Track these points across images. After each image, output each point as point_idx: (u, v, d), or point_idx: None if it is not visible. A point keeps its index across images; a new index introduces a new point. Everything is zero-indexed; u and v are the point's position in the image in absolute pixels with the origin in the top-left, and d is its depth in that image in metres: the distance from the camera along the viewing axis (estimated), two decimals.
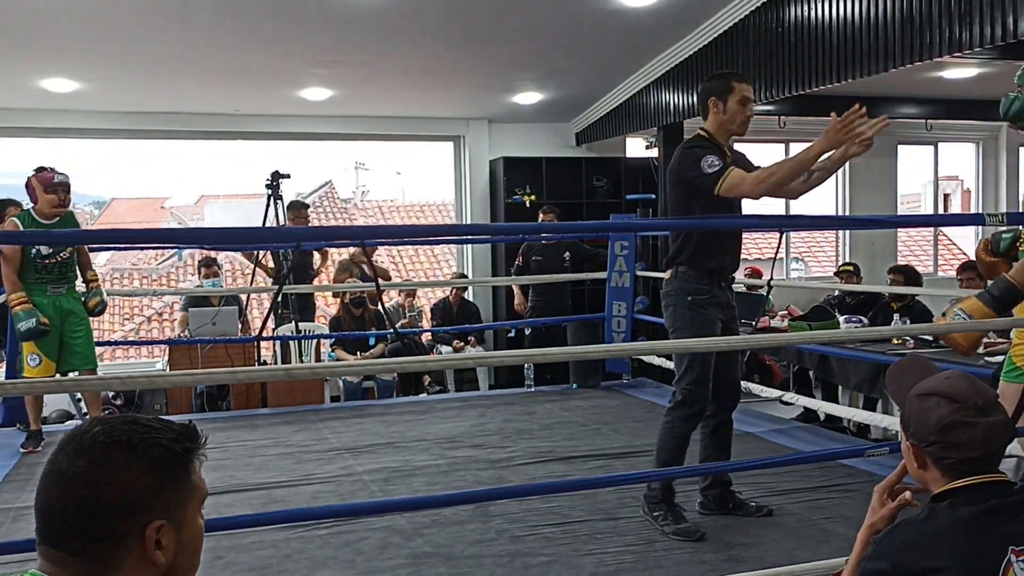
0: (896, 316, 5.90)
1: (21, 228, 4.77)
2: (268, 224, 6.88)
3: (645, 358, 6.95)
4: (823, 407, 5.49)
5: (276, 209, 6.86)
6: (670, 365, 6.67)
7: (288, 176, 6.89)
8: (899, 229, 10.78)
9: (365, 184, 21.38)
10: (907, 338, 5.21)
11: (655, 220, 7.07)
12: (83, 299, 5.09)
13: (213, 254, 7.60)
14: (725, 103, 3.49)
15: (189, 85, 7.10)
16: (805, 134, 9.79)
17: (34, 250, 4.78)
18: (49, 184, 4.75)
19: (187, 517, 1.21)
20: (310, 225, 7.84)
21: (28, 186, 4.84)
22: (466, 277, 8.52)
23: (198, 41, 6.13)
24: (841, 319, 6.14)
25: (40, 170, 4.82)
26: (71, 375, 4.96)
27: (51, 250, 4.83)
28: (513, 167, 8.50)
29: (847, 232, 10.28)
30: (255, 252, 7.12)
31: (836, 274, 7.74)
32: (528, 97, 8.00)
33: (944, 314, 3.27)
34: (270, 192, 6.89)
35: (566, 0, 5.89)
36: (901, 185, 10.51)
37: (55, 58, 6.28)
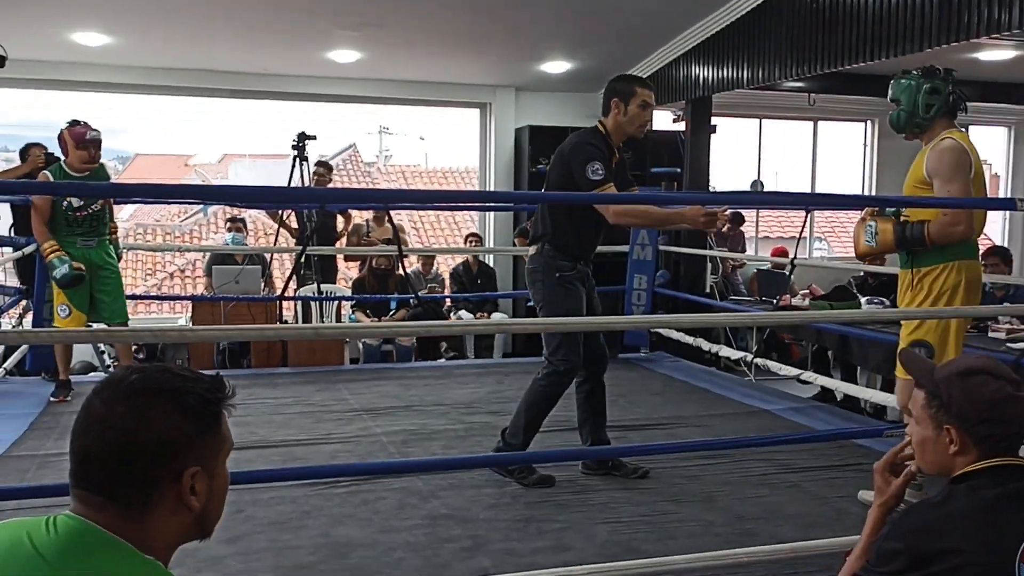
0: None
1: (51, 177, 4.81)
2: (293, 184, 6.93)
3: (663, 331, 6.95)
4: (841, 387, 5.48)
5: (302, 170, 6.89)
6: (689, 340, 6.71)
7: (314, 138, 6.91)
8: None
9: (388, 148, 21.38)
10: None
11: (683, 194, 7.04)
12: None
13: (239, 212, 7.65)
14: (627, 105, 3.62)
15: (219, 43, 7.11)
16: (834, 112, 9.71)
17: (65, 202, 4.83)
18: (81, 140, 4.79)
19: (217, 466, 1.25)
20: (332, 186, 7.85)
21: (60, 139, 4.87)
22: (479, 237, 8.52)
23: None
24: (863, 300, 6.12)
25: (73, 124, 4.84)
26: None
27: (82, 202, 4.87)
28: (539, 136, 8.46)
29: None
30: (279, 212, 7.16)
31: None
32: (556, 66, 7.95)
33: (863, 219, 3.43)
34: (296, 153, 6.91)
35: None
36: None
37: (87, 11, 6.30)
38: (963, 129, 3.36)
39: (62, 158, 4.90)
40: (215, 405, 1.24)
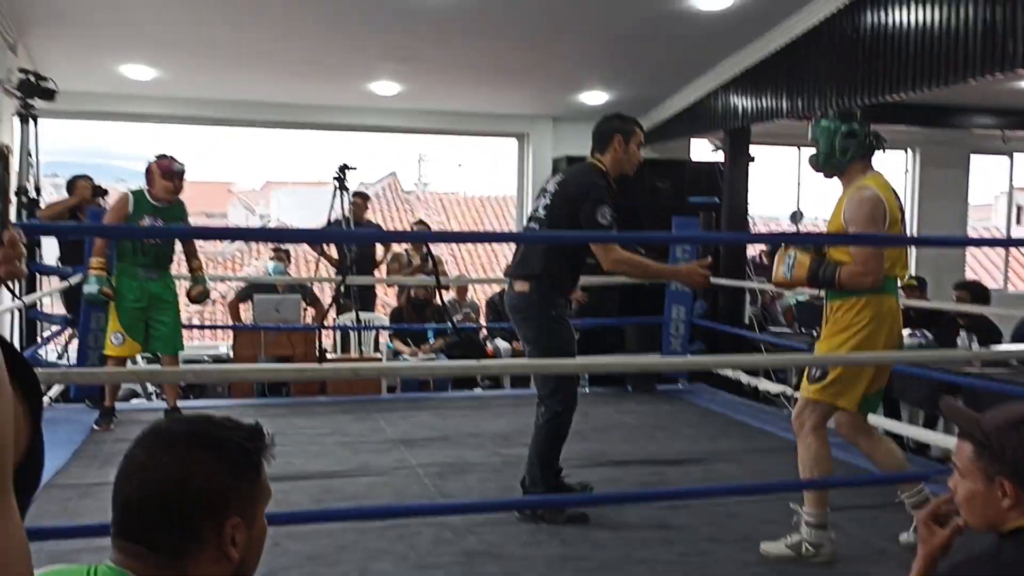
0: (963, 333, 5.76)
1: (131, 203, 4.98)
2: (334, 213, 7.04)
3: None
4: (882, 423, 5.38)
5: (342, 200, 6.99)
6: (728, 372, 6.65)
7: (355, 169, 7.02)
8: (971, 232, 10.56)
9: (427, 176, 21.58)
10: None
11: (770, 234, 6.99)
12: (188, 288, 5.31)
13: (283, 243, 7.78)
14: (628, 144, 3.69)
15: (264, 75, 7.25)
16: None
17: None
18: (167, 171, 4.99)
19: (257, 515, 1.25)
20: (368, 215, 7.93)
21: (148, 171, 5.07)
22: None
23: (276, 33, 6.26)
24: (904, 333, 6.01)
25: (161, 157, 5.07)
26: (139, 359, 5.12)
27: None
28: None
29: (915, 231, 10.05)
30: (320, 246, 7.26)
31: (900, 288, 7.59)
32: (594, 96, 7.99)
33: (786, 247, 3.52)
34: (337, 184, 7.01)
35: (636, 2, 5.87)
36: (971, 195, 10.28)
37: (136, 46, 6.47)
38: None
39: (145, 188, 5.08)
40: (256, 455, 1.24)
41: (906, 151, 9.97)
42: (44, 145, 6.08)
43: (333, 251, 7.48)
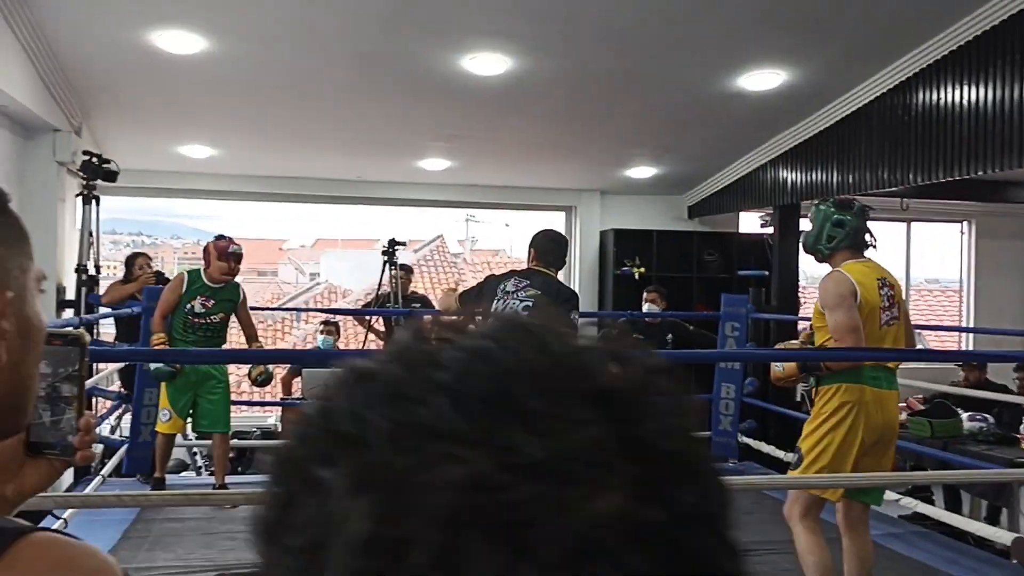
0: None
1: (186, 282, 5.13)
2: (383, 285, 7.11)
3: (752, 443, 6.77)
4: (942, 516, 5.20)
5: (392, 273, 7.07)
6: (780, 453, 6.50)
7: (404, 244, 7.09)
8: None
9: (475, 235, 21.79)
10: None
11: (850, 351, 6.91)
12: (249, 369, 5.44)
13: (333, 316, 7.85)
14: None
15: (316, 153, 7.41)
16: (929, 213, 9.50)
17: (188, 305, 5.09)
18: (223, 253, 5.11)
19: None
20: (414, 285, 7.98)
21: (205, 250, 5.22)
22: None
23: (329, 114, 6.41)
24: (964, 416, 5.86)
25: (219, 238, 5.20)
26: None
27: (204, 310, 5.12)
28: (623, 239, 8.50)
29: (971, 304, 9.83)
30: (367, 317, 7.31)
31: (958, 363, 7.41)
32: (642, 171, 8.02)
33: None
34: (386, 258, 7.09)
35: (686, 82, 5.91)
36: None
37: (194, 127, 6.67)
38: (862, 259, 3.51)
39: (201, 267, 5.22)
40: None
41: (961, 224, 9.81)
42: (102, 203, 6.23)
43: (380, 324, 7.53)
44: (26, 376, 0.75)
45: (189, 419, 5.34)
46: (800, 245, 3.69)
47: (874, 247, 3.56)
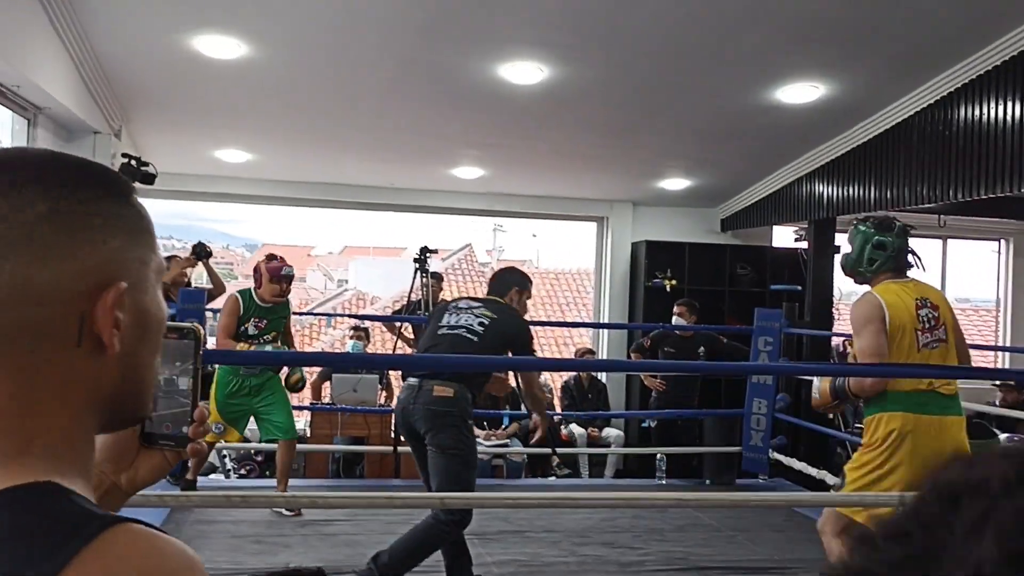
0: None
1: (241, 304, 5.11)
2: (414, 292, 7.11)
3: (784, 459, 6.68)
4: None
5: (423, 280, 7.07)
6: (812, 471, 6.42)
7: (435, 251, 7.09)
8: None
9: (502, 245, 21.82)
10: None
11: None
12: (287, 375, 5.44)
13: (363, 322, 7.87)
14: (520, 296, 4.05)
15: (350, 159, 7.45)
16: (966, 231, 9.38)
17: (243, 327, 5.13)
18: (276, 275, 5.13)
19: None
20: (440, 290, 7.95)
21: (256, 270, 5.23)
22: (593, 353, 8.48)
23: (366, 121, 6.43)
24: (1002, 437, 5.75)
25: (271, 259, 5.21)
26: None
27: (257, 331, 5.15)
28: (655, 251, 8.46)
29: (1007, 323, 9.68)
30: (396, 324, 7.31)
31: (995, 384, 7.30)
32: (675, 183, 7.98)
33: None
34: (418, 266, 7.09)
35: (722, 96, 5.87)
36: None
37: (234, 134, 6.72)
38: (904, 280, 3.41)
39: (253, 288, 5.23)
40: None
41: (999, 241, 9.67)
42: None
43: (409, 331, 7.53)
44: (141, 366, 0.75)
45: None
46: (840, 264, 3.60)
47: (919, 268, 3.49)
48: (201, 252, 6.50)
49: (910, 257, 3.47)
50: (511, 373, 4.67)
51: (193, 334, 0.91)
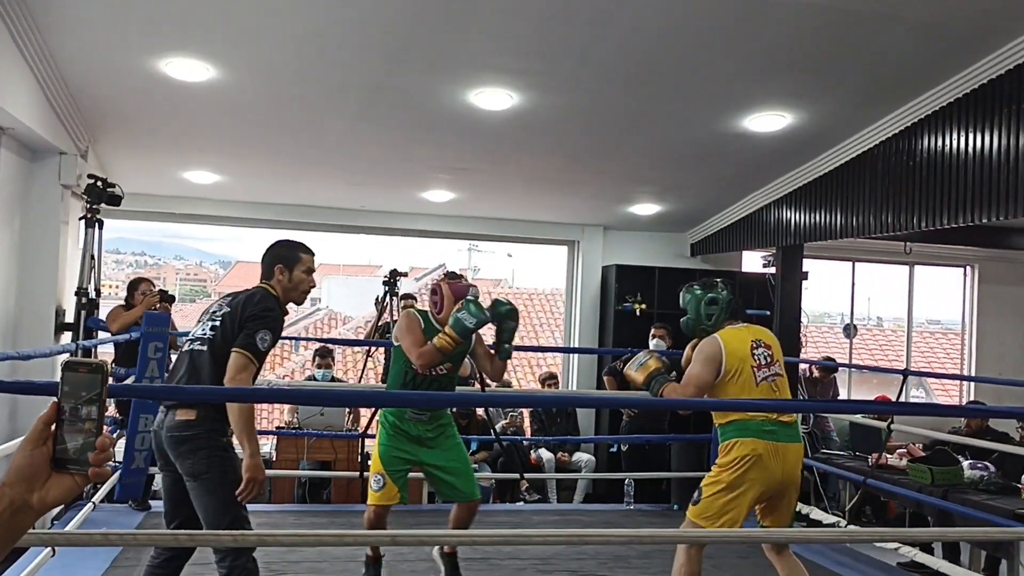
0: None
1: (422, 324, 4.12)
2: (384, 315, 7.09)
3: None
4: (942, 566, 5.13)
5: (392, 304, 7.05)
6: None
7: (405, 275, 7.10)
8: None
9: (477, 264, 21.85)
10: None
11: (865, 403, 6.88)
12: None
13: (329, 345, 7.81)
14: (291, 272, 3.44)
15: (320, 182, 7.43)
16: (931, 257, 9.50)
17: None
18: (462, 296, 4.07)
19: None
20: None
21: (434, 291, 4.18)
22: (556, 378, 8.48)
23: (335, 144, 6.42)
24: (965, 464, 5.80)
25: (452, 277, 4.23)
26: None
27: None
28: (625, 274, 8.49)
29: (973, 348, 9.79)
30: (367, 348, 7.28)
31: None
32: (645, 208, 8.03)
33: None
34: (387, 288, 7.08)
35: (691, 122, 5.92)
36: None
37: (202, 155, 6.68)
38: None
39: (430, 310, 4.22)
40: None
41: (964, 268, 9.81)
42: (105, 223, 6.18)
43: (381, 355, 7.50)
44: None
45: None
46: (683, 331, 3.97)
47: (743, 318, 3.89)
48: (165, 297, 6.40)
49: (739, 305, 3.91)
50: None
51: (101, 369, 1.02)
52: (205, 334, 3.34)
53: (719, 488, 3.62)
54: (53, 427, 1.02)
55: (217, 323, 3.33)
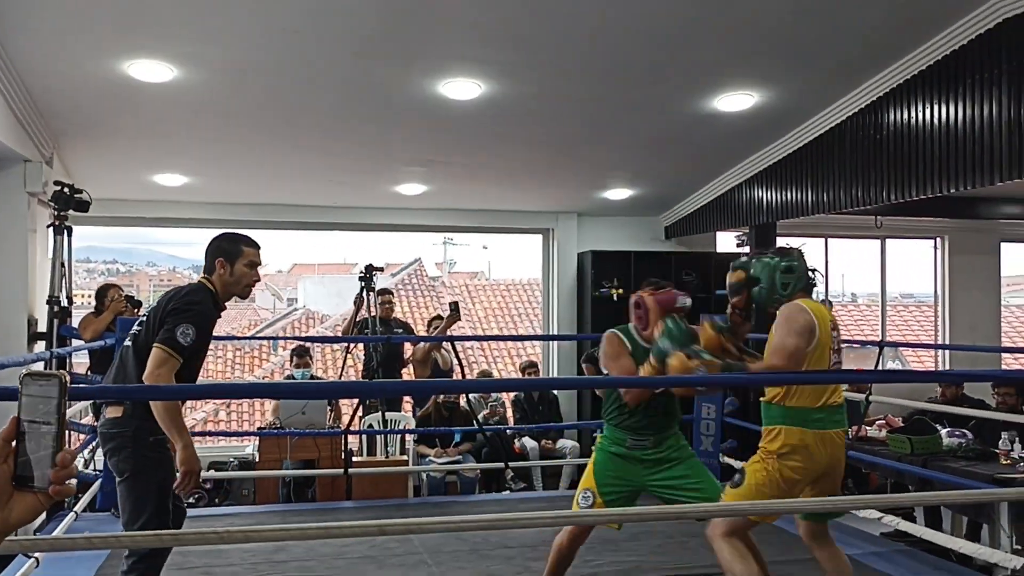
0: (1004, 435, 5.60)
1: (628, 346, 3.69)
2: (361, 311, 7.06)
3: (735, 463, 6.75)
4: (925, 533, 5.20)
5: (369, 300, 7.02)
6: None
7: (381, 270, 7.06)
8: (1004, 311, 10.41)
9: (453, 257, 21.82)
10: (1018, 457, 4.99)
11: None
12: None
13: (307, 344, 7.77)
14: (232, 265, 3.37)
15: (291, 180, 7.38)
16: (902, 230, 9.59)
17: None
18: (672, 307, 3.64)
19: None
20: (394, 305, 7.85)
21: (638, 304, 3.70)
22: (536, 366, 8.50)
23: (304, 141, 6.38)
24: (943, 432, 5.87)
25: (656, 287, 3.75)
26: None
27: None
28: (601, 260, 8.51)
29: (946, 318, 9.91)
30: (347, 345, 7.25)
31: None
32: (618, 193, 8.04)
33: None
34: (363, 284, 7.05)
35: (660, 105, 5.94)
36: (1005, 267, 10.18)
37: (171, 158, 6.62)
38: (821, 301, 3.56)
39: (633, 326, 3.75)
40: None
41: (934, 239, 9.92)
42: (75, 232, 6.10)
43: (360, 351, 7.47)
44: None
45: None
46: (755, 301, 3.60)
47: (817, 285, 3.60)
48: (132, 302, 6.40)
49: (811, 275, 3.59)
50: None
51: (58, 380, 0.96)
52: (134, 331, 3.32)
53: (765, 478, 3.36)
54: (14, 443, 0.96)
55: (144, 319, 3.30)
